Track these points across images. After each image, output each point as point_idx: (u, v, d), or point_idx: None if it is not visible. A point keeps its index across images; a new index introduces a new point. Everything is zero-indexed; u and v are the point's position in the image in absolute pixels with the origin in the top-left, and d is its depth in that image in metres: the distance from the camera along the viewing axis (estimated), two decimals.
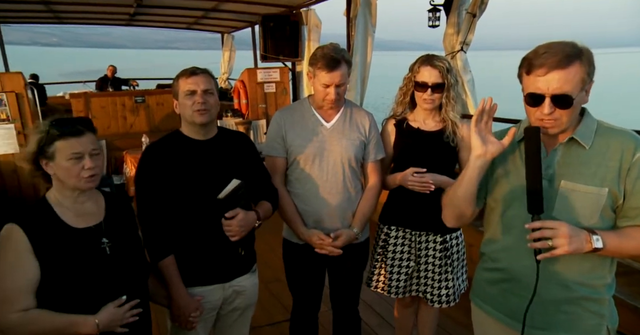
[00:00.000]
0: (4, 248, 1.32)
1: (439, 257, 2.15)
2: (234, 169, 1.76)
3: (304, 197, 2.02)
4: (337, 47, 1.94)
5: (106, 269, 1.42)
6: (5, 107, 5.47)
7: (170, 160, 1.70)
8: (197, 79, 1.68)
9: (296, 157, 2.00)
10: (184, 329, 1.73)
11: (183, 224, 1.71)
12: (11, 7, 6.53)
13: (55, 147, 1.36)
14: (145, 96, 7.57)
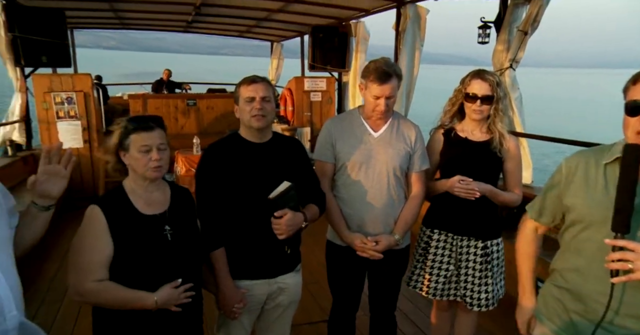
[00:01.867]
0: (88, 225, 1.51)
1: (480, 262, 2.20)
2: (285, 171, 1.88)
3: (349, 201, 2.12)
4: (389, 61, 2.05)
5: (166, 253, 1.58)
6: (74, 105, 5.92)
7: (228, 160, 1.85)
8: (257, 87, 1.83)
9: (344, 164, 2.11)
10: (227, 317, 1.86)
11: (235, 220, 1.85)
12: (85, 14, 7.08)
13: (130, 139, 1.56)
14: (197, 100, 7.93)
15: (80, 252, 1.50)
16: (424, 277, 2.30)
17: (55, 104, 5.87)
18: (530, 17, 3.69)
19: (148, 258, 1.54)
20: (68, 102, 5.95)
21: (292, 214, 1.81)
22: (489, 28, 4.42)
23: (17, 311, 1.29)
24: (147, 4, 6.57)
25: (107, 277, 1.50)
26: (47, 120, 5.86)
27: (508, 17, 3.89)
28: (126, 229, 1.53)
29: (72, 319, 3.03)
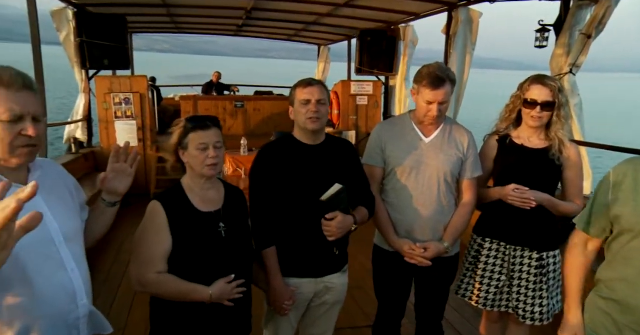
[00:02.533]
0: (150, 220, 1.59)
1: (534, 274, 2.12)
2: (337, 173, 1.90)
3: (397, 206, 2.11)
4: (443, 66, 2.02)
5: (220, 250, 1.64)
6: (131, 106, 6.24)
7: (282, 161, 1.89)
8: (313, 90, 1.86)
9: (393, 168, 2.10)
10: (277, 313, 1.90)
11: (287, 220, 1.88)
12: (144, 20, 7.45)
13: (189, 138, 1.63)
14: (245, 102, 8.15)
15: (143, 245, 1.59)
16: (474, 286, 2.24)
17: (114, 104, 6.21)
18: (595, 19, 3.51)
19: (203, 253, 1.61)
20: (125, 103, 6.27)
21: (342, 216, 1.83)
22: (548, 31, 4.25)
23: (87, 300, 1.38)
24: (201, 9, 6.83)
25: (166, 270, 1.57)
26: (106, 120, 6.21)
27: (570, 19, 3.72)
28: (184, 224, 1.60)
29: (127, 309, 3.19)
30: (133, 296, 3.36)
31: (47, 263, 1.28)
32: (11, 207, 0.60)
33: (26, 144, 1.22)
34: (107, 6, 6.11)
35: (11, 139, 1.19)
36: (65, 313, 1.31)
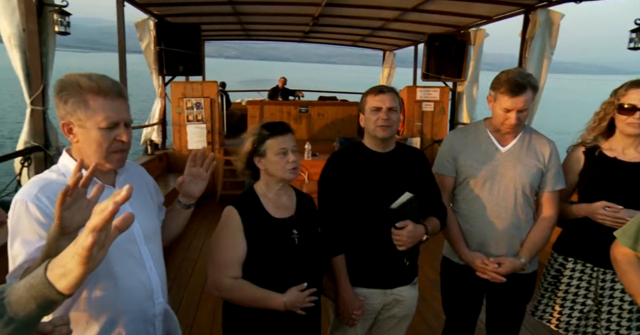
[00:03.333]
0: (226, 225, 1.62)
1: (629, 301, 1.90)
2: (407, 182, 1.85)
3: (469, 218, 2.01)
4: (523, 72, 1.90)
5: (293, 257, 1.63)
6: (202, 110, 6.54)
7: (351, 168, 1.87)
8: (384, 97, 1.83)
9: (466, 178, 2.01)
10: (345, 323, 1.87)
11: (356, 228, 1.85)
12: (216, 27, 7.80)
13: (266, 145, 1.64)
14: (309, 107, 8.24)
15: (218, 249, 1.61)
16: (554, 309, 2.07)
17: (187, 108, 6.54)
18: None
19: (277, 260, 1.60)
20: (197, 107, 6.58)
21: (413, 225, 1.77)
22: None
23: (163, 298, 1.43)
24: (270, 16, 7.01)
25: (240, 275, 1.59)
26: (179, 123, 6.55)
27: None
28: (258, 230, 1.61)
29: (194, 307, 3.31)
30: (200, 294, 3.49)
31: (129, 261, 1.34)
32: (109, 209, 0.63)
33: (119, 149, 1.30)
34: (184, 16, 6.46)
35: (108, 144, 1.27)
36: (144, 309, 1.37)
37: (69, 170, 1.30)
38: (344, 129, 8.07)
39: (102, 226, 0.63)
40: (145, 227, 1.42)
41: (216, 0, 5.61)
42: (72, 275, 0.62)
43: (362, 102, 1.91)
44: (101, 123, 1.24)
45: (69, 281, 0.62)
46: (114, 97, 1.27)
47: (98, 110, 1.24)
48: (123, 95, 1.30)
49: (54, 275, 0.62)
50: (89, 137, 1.26)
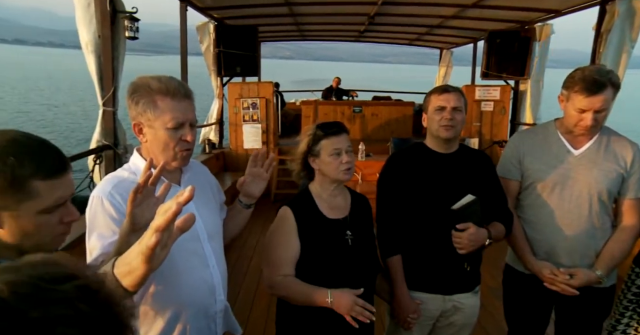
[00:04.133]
0: (280, 225, 1.64)
1: None
2: (470, 184, 1.78)
3: (536, 225, 1.90)
4: (602, 69, 1.76)
5: (347, 258, 1.61)
6: (257, 110, 6.69)
7: (412, 168, 1.83)
8: (449, 97, 1.77)
9: (533, 182, 1.89)
10: (400, 326, 1.83)
11: (414, 229, 1.81)
12: (272, 29, 7.94)
13: (320, 145, 1.63)
14: (363, 107, 8.19)
15: (272, 248, 1.63)
16: (637, 330, 1.90)
17: (243, 108, 6.71)
18: None
19: (330, 261, 1.60)
20: (253, 107, 6.73)
21: (475, 228, 1.70)
22: None
23: (224, 296, 1.47)
24: (326, 16, 7.04)
25: (293, 274, 1.60)
26: (235, 123, 6.73)
27: None
28: (312, 230, 1.61)
29: (249, 304, 3.38)
30: (254, 292, 3.56)
31: (193, 258, 1.39)
32: (172, 210, 0.64)
33: (185, 149, 1.34)
34: (242, 18, 6.63)
35: (174, 144, 1.32)
36: (206, 306, 1.41)
37: (139, 168, 1.36)
38: (398, 129, 7.94)
39: (165, 226, 0.64)
40: (208, 225, 1.45)
41: (273, 2, 5.70)
42: (136, 273, 0.64)
43: (425, 102, 1.86)
44: (168, 123, 1.29)
45: (134, 279, 0.64)
46: (181, 98, 1.31)
47: (166, 111, 1.29)
48: (189, 97, 1.35)
49: (120, 272, 0.65)
50: (156, 137, 1.31)
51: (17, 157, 0.84)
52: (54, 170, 0.88)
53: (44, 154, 0.88)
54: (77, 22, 3.21)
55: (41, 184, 0.86)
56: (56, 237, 0.94)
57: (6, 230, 0.87)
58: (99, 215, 1.26)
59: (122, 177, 1.35)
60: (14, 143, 0.86)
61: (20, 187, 0.84)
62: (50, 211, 0.89)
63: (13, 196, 0.85)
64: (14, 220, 0.87)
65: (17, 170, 0.84)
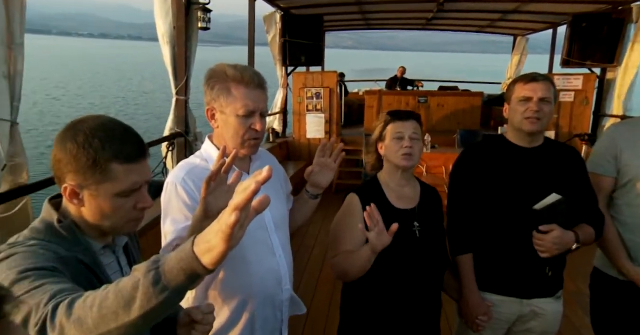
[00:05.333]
0: (347, 212, 1.60)
1: None
2: (556, 182, 1.63)
3: (633, 226, 1.71)
4: None
5: (414, 250, 1.55)
6: (321, 100, 6.68)
7: (489, 163, 1.71)
8: (536, 86, 1.62)
9: (632, 180, 1.71)
10: (469, 328, 1.73)
11: (489, 227, 1.69)
12: (338, 18, 7.86)
13: (387, 130, 1.60)
14: (428, 97, 7.92)
15: (338, 235, 1.61)
16: None
17: (307, 98, 6.73)
18: None
19: (396, 252, 1.53)
20: (316, 97, 6.73)
21: (560, 231, 1.55)
22: None
23: (290, 286, 1.46)
24: (393, 4, 6.85)
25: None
26: (299, 113, 6.77)
27: None
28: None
29: (311, 292, 3.40)
30: (317, 281, 3.58)
31: (261, 248, 1.38)
32: (251, 188, 0.63)
33: (254, 137, 1.34)
34: (308, 7, 6.62)
35: (243, 132, 1.32)
36: (273, 295, 1.41)
37: (210, 156, 1.38)
38: (466, 120, 7.60)
39: (244, 205, 0.63)
40: (275, 215, 1.45)
41: None
42: (215, 251, 0.64)
43: (509, 91, 1.72)
44: (239, 111, 1.30)
45: (213, 257, 0.64)
46: (255, 87, 1.32)
47: (238, 98, 1.30)
48: (263, 87, 1.35)
49: (199, 250, 0.65)
50: (227, 123, 1.33)
51: (102, 141, 0.89)
52: (132, 156, 0.92)
53: (125, 140, 0.92)
54: (155, 14, 3.37)
55: (119, 167, 0.90)
56: (130, 222, 0.98)
57: (87, 208, 0.93)
58: (173, 201, 1.29)
59: (195, 164, 1.37)
60: (101, 127, 0.91)
61: (101, 168, 0.89)
62: (126, 195, 0.93)
63: (94, 176, 0.89)
64: (93, 200, 0.92)
65: (99, 152, 0.89)
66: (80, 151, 0.88)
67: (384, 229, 1.37)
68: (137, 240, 1.16)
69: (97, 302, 0.67)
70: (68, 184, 0.90)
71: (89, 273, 0.91)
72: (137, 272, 0.68)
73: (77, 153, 0.88)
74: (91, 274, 0.91)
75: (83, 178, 0.89)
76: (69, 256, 0.88)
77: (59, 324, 0.68)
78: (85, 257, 0.91)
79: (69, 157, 0.89)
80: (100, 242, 0.98)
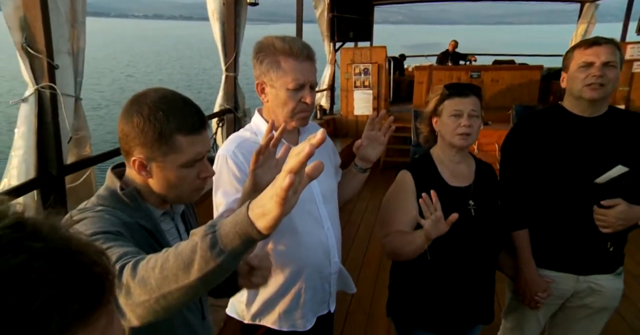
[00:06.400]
0: (398, 188, 1.57)
1: None
2: (621, 154, 1.52)
3: None
4: None
5: (468, 228, 1.50)
6: (369, 76, 6.56)
7: (546, 134, 1.61)
8: (599, 50, 1.49)
9: None
10: (526, 305, 1.68)
11: (547, 201, 1.61)
12: None
13: (444, 105, 1.52)
14: (482, 72, 7.55)
15: (389, 211, 1.58)
16: None
17: (354, 74, 6.62)
18: None
19: (450, 231, 1.48)
20: (364, 73, 6.61)
21: (626, 205, 1.47)
22: None
23: (338, 258, 1.47)
24: None
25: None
26: (346, 89, 6.69)
27: None
28: None
29: (357, 268, 3.42)
30: (363, 257, 3.59)
31: (310, 219, 1.40)
32: (305, 151, 0.62)
33: (304, 110, 1.34)
34: None
35: (293, 105, 1.32)
36: (322, 267, 1.42)
37: (260, 129, 1.39)
38: (522, 96, 7.20)
39: (298, 168, 0.62)
40: (324, 187, 1.45)
41: None
42: (270, 215, 0.63)
43: (566, 59, 1.60)
44: (289, 84, 1.29)
45: (268, 221, 0.64)
46: (304, 59, 1.30)
47: (288, 72, 1.29)
48: (312, 59, 1.33)
49: (254, 214, 0.65)
50: (277, 97, 1.32)
51: (165, 113, 0.92)
52: (194, 127, 0.94)
53: (187, 111, 0.95)
54: None
55: (183, 138, 0.93)
56: (194, 191, 1.01)
57: (154, 179, 0.97)
58: (223, 173, 1.32)
59: (245, 137, 1.39)
60: (163, 99, 0.93)
61: (166, 140, 0.92)
62: (190, 165, 0.96)
63: (160, 148, 0.92)
64: (161, 171, 0.95)
65: (164, 125, 0.91)
66: (146, 124, 0.91)
67: (441, 217, 1.32)
68: (193, 207, 1.21)
69: (159, 264, 0.70)
70: (136, 157, 0.94)
71: (150, 238, 0.95)
72: (194, 236, 0.70)
73: (143, 126, 0.91)
74: (152, 239, 0.95)
75: (150, 150, 0.93)
76: (131, 222, 0.92)
77: (125, 283, 0.72)
78: (146, 223, 0.96)
79: (136, 130, 0.92)
80: (159, 209, 1.03)
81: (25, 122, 1.64)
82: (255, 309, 1.43)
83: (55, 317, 0.30)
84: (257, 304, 1.42)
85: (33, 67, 1.64)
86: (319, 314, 1.48)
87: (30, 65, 1.63)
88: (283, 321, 1.42)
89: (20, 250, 0.31)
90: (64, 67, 1.72)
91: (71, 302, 0.31)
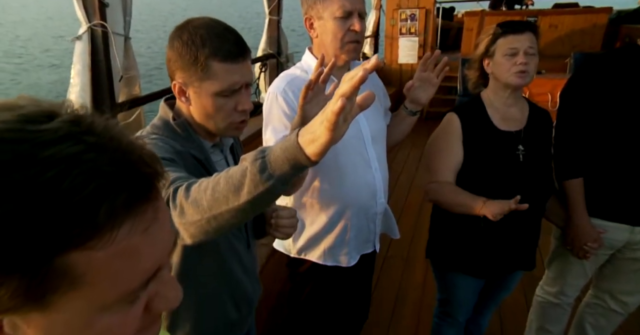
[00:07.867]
0: (443, 131, 1.54)
1: None
2: None
3: None
4: None
5: (515, 174, 1.46)
6: (416, 22, 6.24)
7: (617, 76, 1.49)
8: None
9: None
10: (574, 254, 1.65)
11: (606, 149, 1.53)
12: None
13: (497, 44, 1.44)
14: (539, 17, 6.99)
15: (433, 153, 1.56)
16: None
17: (400, 20, 6.31)
18: None
19: (496, 175, 1.46)
20: (411, 19, 6.29)
21: None
22: None
23: (384, 199, 1.47)
24: None
25: (452, 181, 1.49)
26: (391, 36, 6.43)
27: None
28: (479, 141, 1.48)
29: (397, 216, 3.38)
30: (402, 207, 3.61)
31: (356, 158, 1.39)
32: (358, 76, 0.61)
33: (354, 40, 1.30)
34: None
35: (342, 34, 1.29)
36: (367, 207, 1.44)
37: (310, 67, 1.37)
38: (584, 42, 6.66)
39: (351, 92, 0.61)
40: (373, 128, 1.43)
41: None
42: (319, 141, 0.64)
43: None
44: (336, 12, 1.27)
45: (317, 147, 0.64)
46: None
47: (334, 0, 1.25)
48: None
49: (304, 140, 0.66)
50: (325, 29, 1.30)
51: (202, 38, 0.92)
52: (231, 55, 0.93)
53: (225, 38, 0.93)
54: None
55: (218, 65, 0.93)
56: (232, 125, 1.00)
57: (193, 106, 0.98)
58: (273, 110, 1.32)
59: (295, 75, 1.37)
60: (204, 25, 0.93)
61: (202, 65, 0.92)
62: (226, 95, 0.96)
63: (196, 73, 0.93)
64: (197, 97, 0.96)
65: (200, 49, 0.91)
66: (184, 48, 0.92)
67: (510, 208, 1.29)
68: (241, 144, 1.23)
69: (210, 186, 0.72)
70: (177, 81, 0.96)
71: (201, 167, 0.98)
72: (245, 161, 0.71)
73: (181, 50, 0.92)
74: (202, 168, 0.98)
75: (187, 75, 0.94)
76: (183, 151, 0.95)
77: (179, 203, 0.75)
78: (198, 153, 0.98)
79: (175, 54, 0.94)
80: (209, 141, 1.05)
81: (80, 59, 1.69)
82: (301, 244, 1.48)
83: (103, 205, 0.32)
84: (303, 239, 1.47)
85: (85, 4, 1.66)
86: (363, 253, 1.52)
87: (82, 3, 1.65)
88: (327, 257, 1.47)
89: (76, 142, 0.33)
90: (113, 5, 1.73)
91: (119, 191, 0.33)
